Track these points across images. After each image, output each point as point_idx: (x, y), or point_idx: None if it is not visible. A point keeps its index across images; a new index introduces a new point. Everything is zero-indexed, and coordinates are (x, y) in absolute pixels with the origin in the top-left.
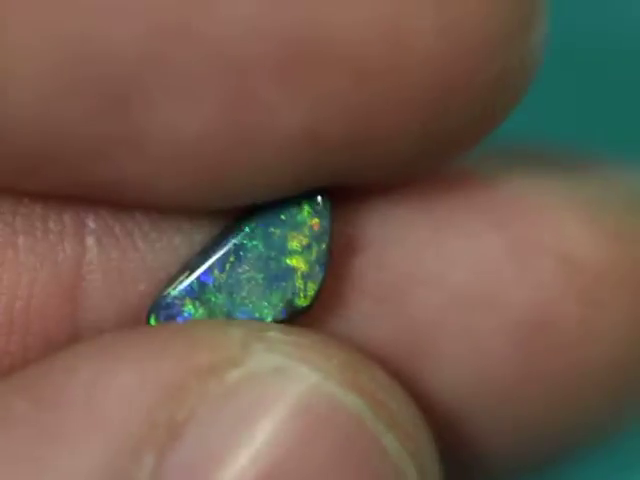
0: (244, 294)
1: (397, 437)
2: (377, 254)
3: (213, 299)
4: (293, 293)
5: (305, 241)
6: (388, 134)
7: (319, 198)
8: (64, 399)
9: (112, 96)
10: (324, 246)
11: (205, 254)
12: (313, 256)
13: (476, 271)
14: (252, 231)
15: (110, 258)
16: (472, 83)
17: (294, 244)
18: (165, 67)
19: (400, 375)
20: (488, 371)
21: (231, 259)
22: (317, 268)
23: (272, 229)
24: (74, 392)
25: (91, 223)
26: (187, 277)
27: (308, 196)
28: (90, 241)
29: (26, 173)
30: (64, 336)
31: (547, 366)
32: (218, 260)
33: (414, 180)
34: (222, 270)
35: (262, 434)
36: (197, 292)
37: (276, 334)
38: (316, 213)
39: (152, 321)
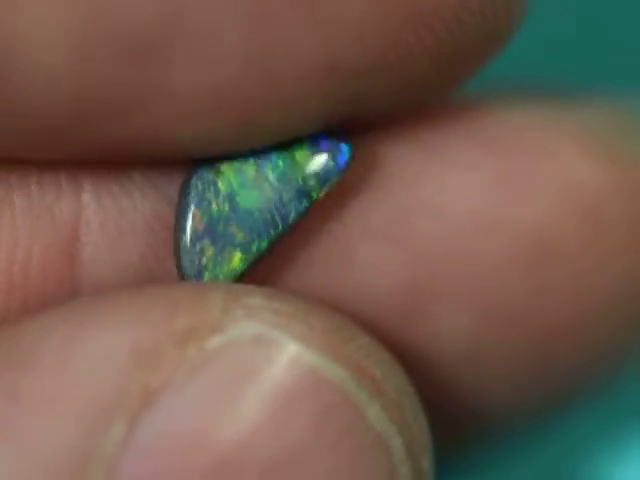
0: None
1: (382, 407)
2: (374, 191)
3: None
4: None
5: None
6: (406, 54)
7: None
8: (34, 365)
9: (136, 44)
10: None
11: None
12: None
13: (475, 200)
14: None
15: (107, 213)
16: None
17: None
18: (184, 8)
19: (402, 320)
20: (497, 302)
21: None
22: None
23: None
24: (44, 357)
25: (87, 180)
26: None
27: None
28: (87, 198)
29: (59, 136)
30: (65, 295)
31: (556, 293)
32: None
33: (418, 112)
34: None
35: (241, 405)
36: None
37: (258, 300)
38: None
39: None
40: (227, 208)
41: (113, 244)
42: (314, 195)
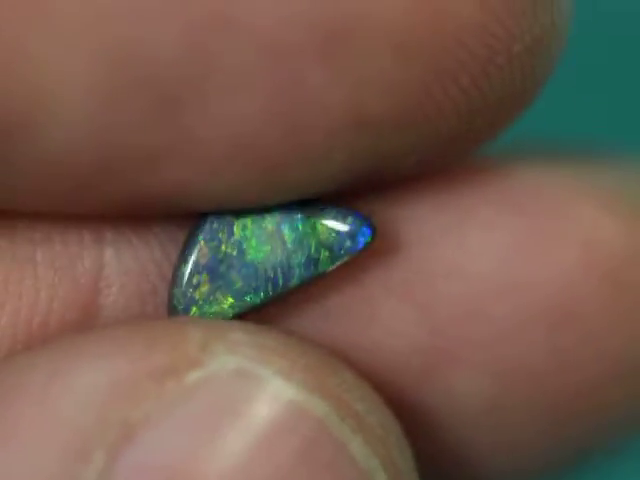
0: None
1: (365, 441)
2: (396, 252)
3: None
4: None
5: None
6: (433, 110)
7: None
8: (18, 399)
9: (162, 99)
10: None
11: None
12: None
13: (498, 261)
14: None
15: (128, 271)
16: (512, 48)
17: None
18: (210, 62)
19: (418, 381)
20: (517, 362)
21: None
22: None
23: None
24: (29, 391)
25: (109, 234)
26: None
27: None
28: (108, 254)
29: (82, 192)
30: None
31: (579, 353)
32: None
33: (438, 172)
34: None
35: (222, 440)
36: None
37: (238, 335)
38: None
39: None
40: (234, 253)
41: (133, 297)
42: (324, 267)
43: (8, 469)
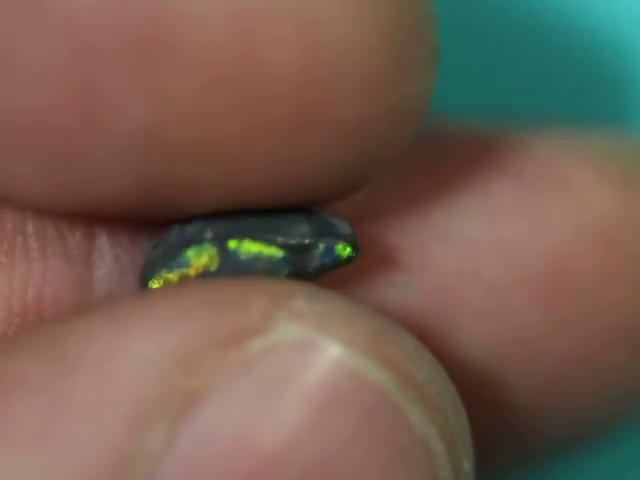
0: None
1: (424, 410)
2: (389, 218)
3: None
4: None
5: None
6: (240, 150)
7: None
8: (80, 365)
9: None
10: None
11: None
12: None
13: (490, 224)
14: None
15: (121, 244)
16: (338, 118)
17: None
18: (11, 41)
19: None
20: (515, 326)
21: None
22: None
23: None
24: (90, 358)
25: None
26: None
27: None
28: (99, 227)
29: None
30: None
31: (572, 315)
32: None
33: (431, 139)
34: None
35: (283, 409)
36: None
37: (300, 302)
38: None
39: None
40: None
41: (127, 269)
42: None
43: (67, 440)
